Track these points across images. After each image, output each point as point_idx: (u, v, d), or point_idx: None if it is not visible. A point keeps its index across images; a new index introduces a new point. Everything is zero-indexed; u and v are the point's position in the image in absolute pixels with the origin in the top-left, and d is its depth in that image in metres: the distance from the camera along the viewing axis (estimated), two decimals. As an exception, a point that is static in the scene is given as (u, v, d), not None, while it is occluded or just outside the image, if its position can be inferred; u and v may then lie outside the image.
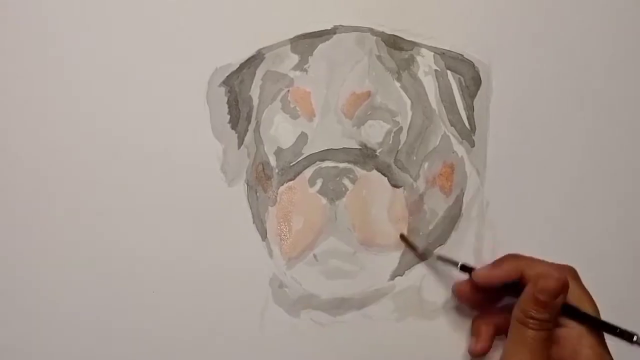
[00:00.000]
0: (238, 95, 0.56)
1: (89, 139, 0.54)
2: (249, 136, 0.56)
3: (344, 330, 0.56)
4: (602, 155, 0.60)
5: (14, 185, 0.54)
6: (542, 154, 0.59)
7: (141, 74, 0.55)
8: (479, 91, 0.58)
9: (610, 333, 0.50)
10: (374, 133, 0.56)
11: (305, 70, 0.56)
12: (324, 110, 0.56)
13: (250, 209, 0.56)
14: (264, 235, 0.56)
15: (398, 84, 0.57)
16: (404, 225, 0.56)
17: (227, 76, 0.55)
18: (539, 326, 0.49)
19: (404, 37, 0.57)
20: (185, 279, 0.55)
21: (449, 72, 0.57)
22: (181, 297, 0.55)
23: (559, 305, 0.50)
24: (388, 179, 0.56)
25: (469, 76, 0.57)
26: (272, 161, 0.56)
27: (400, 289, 0.57)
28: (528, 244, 0.54)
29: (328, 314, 0.56)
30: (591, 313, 0.51)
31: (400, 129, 0.56)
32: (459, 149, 0.57)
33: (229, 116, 0.56)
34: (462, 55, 0.57)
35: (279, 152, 0.56)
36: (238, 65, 0.56)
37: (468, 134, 0.57)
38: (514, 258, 0.53)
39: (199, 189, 0.55)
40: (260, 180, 0.56)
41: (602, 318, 0.51)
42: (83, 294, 0.54)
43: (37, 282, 0.54)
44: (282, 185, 0.56)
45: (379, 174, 0.56)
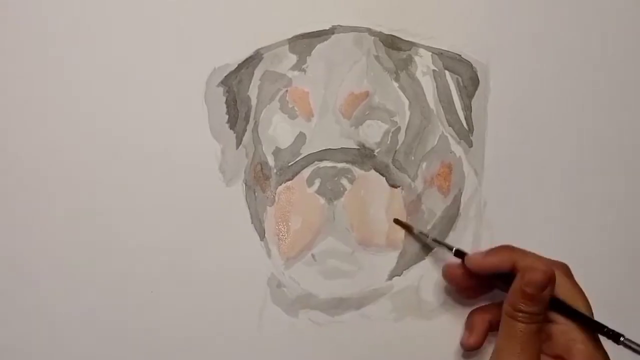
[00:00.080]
0: (236, 95, 0.56)
1: (88, 139, 0.54)
2: (247, 136, 0.56)
3: (342, 330, 0.56)
4: (601, 155, 0.59)
5: (14, 185, 0.54)
6: (540, 154, 0.59)
7: (140, 74, 0.55)
8: (476, 91, 0.58)
9: (598, 332, 0.50)
10: (372, 133, 0.56)
11: (303, 70, 0.56)
12: (322, 110, 0.56)
13: (249, 208, 0.56)
14: (262, 235, 0.56)
15: (396, 84, 0.57)
16: (402, 225, 0.57)
17: (226, 76, 0.56)
18: (529, 319, 0.49)
19: (402, 37, 0.57)
20: (183, 279, 0.55)
21: (447, 72, 0.57)
22: (179, 297, 0.55)
23: (547, 298, 0.50)
24: (386, 179, 0.56)
25: (467, 76, 0.57)
26: (271, 161, 0.56)
27: (398, 289, 0.57)
28: (526, 243, 0.53)
29: (326, 314, 0.56)
30: (583, 310, 0.51)
31: (398, 129, 0.56)
32: (457, 149, 0.57)
33: (227, 116, 0.56)
34: (460, 56, 0.57)
35: (277, 152, 0.56)
36: (236, 66, 0.56)
37: (466, 134, 0.57)
38: (508, 249, 0.53)
39: (197, 188, 0.55)
40: (259, 180, 0.56)
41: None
42: (82, 294, 0.54)
43: (37, 282, 0.54)
44: (281, 185, 0.56)
45: (377, 174, 0.56)
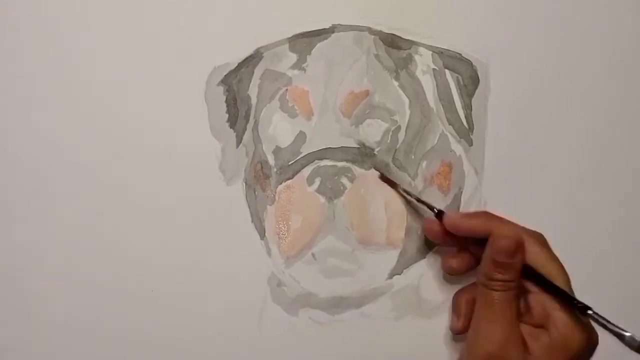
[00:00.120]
0: (236, 94, 0.56)
1: (88, 139, 0.55)
2: (247, 135, 0.56)
3: (342, 328, 0.56)
4: (601, 154, 0.59)
5: (14, 185, 0.54)
6: (540, 153, 0.59)
7: (140, 73, 0.55)
8: (476, 90, 0.57)
9: (567, 303, 0.49)
10: (372, 132, 0.56)
11: (303, 69, 0.56)
12: (322, 109, 0.56)
13: (249, 207, 0.56)
14: (262, 234, 0.56)
15: (396, 83, 0.57)
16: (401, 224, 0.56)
17: (226, 75, 0.56)
18: (503, 287, 0.49)
19: (402, 36, 0.57)
20: (183, 278, 0.55)
21: (447, 71, 0.57)
22: (179, 296, 0.55)
23: (518, 265, 0.49)
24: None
25: (467, 75, 0.57)
26: (271, 160, 0.56)
27: (398, 287, 0.56)
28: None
29: (326, 313, 0.56)
30: (558, 278, 0.50)
31: (399, 127, 0.56)
32: (457, 147, 0.57)
33: (227, 115, 0.56)
34: (460, 54, 0.57)
35: (277, 151, 0.56)
36: (236, 64, 0.56)
37: (466, 132, 0.57)
38: (487, 215, 0.52)
39: (198, 187, 0.55)
40: (259, 179, 0.56)
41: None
42: (82, 294, 0.54)
43: (37, 282, 0.54)
44: (281, 184, 0.56)
45: (377, 172, 0.56)
